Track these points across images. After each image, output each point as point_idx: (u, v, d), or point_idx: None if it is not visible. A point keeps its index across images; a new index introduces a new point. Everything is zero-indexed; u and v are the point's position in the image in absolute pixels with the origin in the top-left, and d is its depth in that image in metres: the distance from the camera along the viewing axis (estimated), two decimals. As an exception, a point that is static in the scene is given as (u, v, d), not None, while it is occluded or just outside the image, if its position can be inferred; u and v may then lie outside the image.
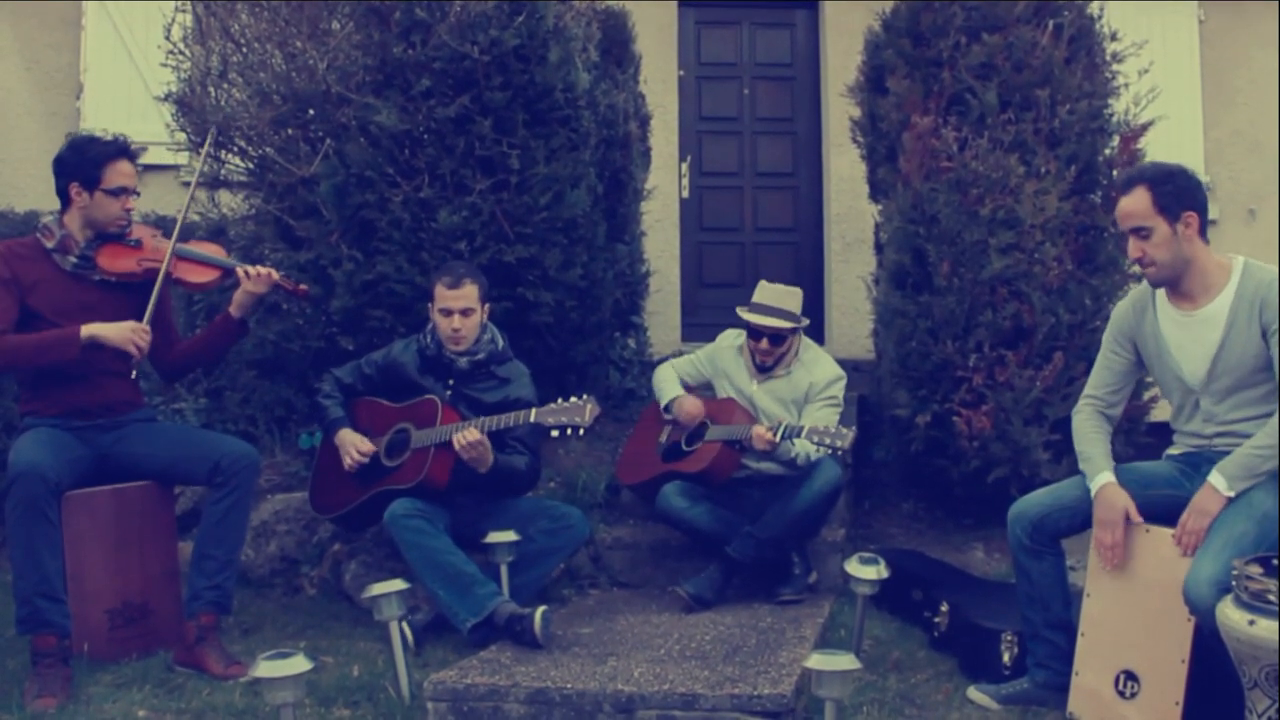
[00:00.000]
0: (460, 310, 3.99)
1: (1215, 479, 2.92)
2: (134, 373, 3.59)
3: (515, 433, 3.94)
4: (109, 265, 3.59)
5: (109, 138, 3.61)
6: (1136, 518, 3.06)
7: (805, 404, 4.32)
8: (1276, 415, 2.91)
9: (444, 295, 4.00)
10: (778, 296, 4.37)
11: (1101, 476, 3.14)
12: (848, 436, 3.90)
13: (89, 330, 3.44)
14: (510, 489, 4.06)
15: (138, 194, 3.66)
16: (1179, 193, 3.02)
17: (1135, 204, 3.04)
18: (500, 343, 4.15)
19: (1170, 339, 3.13)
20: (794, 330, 4.35)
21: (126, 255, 3.62)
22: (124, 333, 3.48)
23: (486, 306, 4.11)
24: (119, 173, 3.56)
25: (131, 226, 3.66)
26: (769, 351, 4.33)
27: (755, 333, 4.33)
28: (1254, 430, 2.97)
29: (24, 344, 3.45)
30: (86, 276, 3.59)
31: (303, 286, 3.97)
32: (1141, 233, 3.03)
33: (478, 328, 4.06)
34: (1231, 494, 2.89)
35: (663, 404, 4.45)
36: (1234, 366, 3.01)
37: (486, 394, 4.07)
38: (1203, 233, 3.05)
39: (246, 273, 3.70)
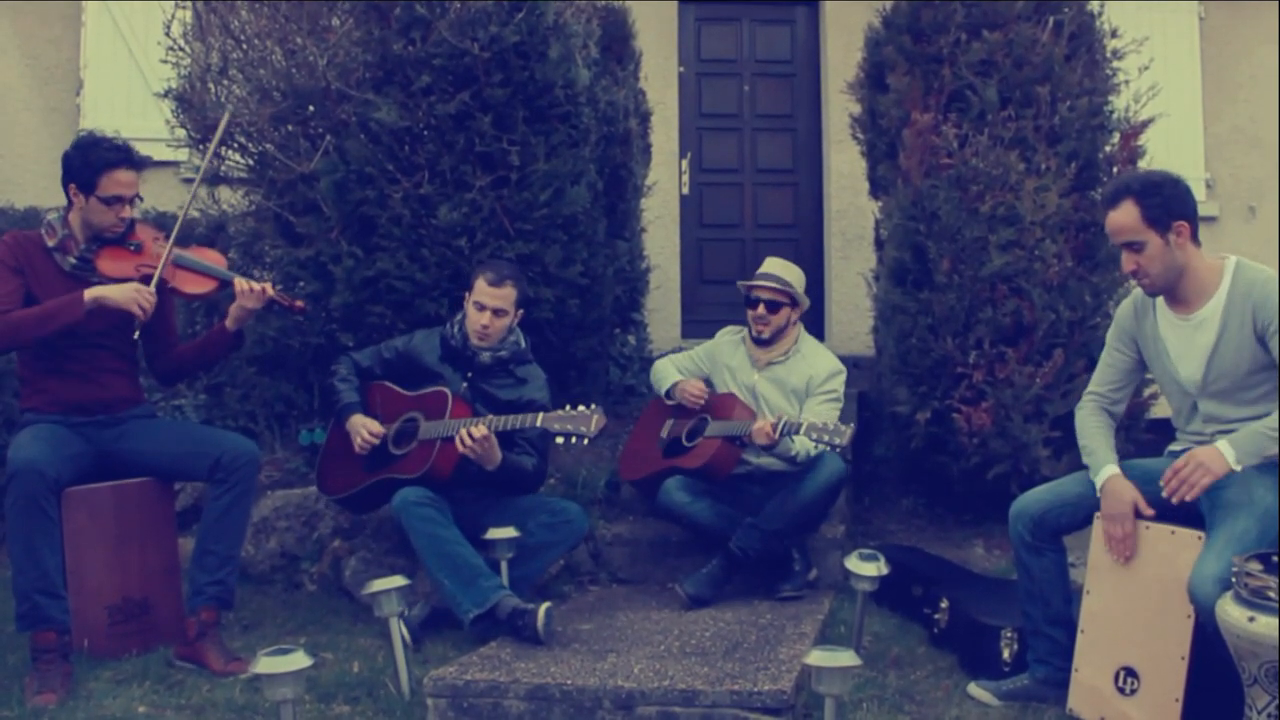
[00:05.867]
0: (494, 309, 4.01)
1: (1224, 447, 2.89)
2: (136, 334, 3.57)
3: (525, 434, 3.95)
4: (107, 270, 3.58)
5: (115, 143, 3.57)
6: (1146, 509, 3.05)
7: (806, 397, 4.33)
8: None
9: (483, 290, 4.01)
10: (778, 267, 4.47)
11: (1107, 470, 3.14)
12: (845, 433, 3.90)
13: (93, 293, 3.45)
14: (516, 488, 4.07)
15: (139, 199, 3.65)
16: (1167, 203, 2.99)
17: (1124, 218, 3.02)
18: (523, 344, 4.18)
19: (1168, 342, 3.13)
20: (791, 301, 4.38)
21: (126, 260, 3.61)
22: (128, 293, 3.48)
23: (520, 312, 4.12)
24: (116, 181, 3.54)
25: (134, 229, 3.65)
26: (764, 319, 4.37)
27: (751, 300, 4.38)
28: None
29: (29, 316, 3.45)
30: (85, 278, 3.58)
31: (299, 303, 3.96)
32: (1133, 246, 3.02)
33: (506, 330, 4.07)
34: (1238, 468, 2.86)
35: (663, 391, 4.47)
36: (1229, 370, 3.01)
37: (502, 391, 4.08)
38: (1194, 237, 3.03)
39: (242, 288, 3.69)
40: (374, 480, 4.00)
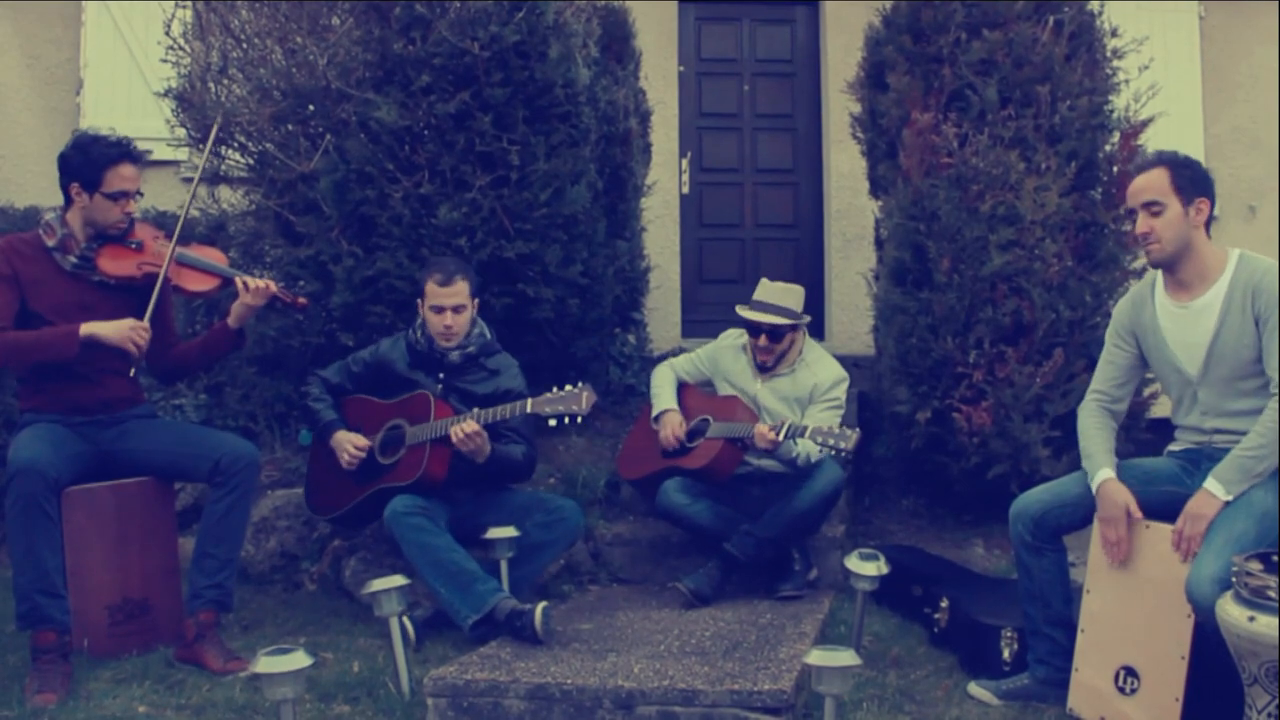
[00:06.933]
0: (452, 307, 4.00)
1: (1211, 484, 2.92)
2: (132, 370, 3.59)
3: (510, 421, 3.95)
4: (109, 268, 3.58)
5: (114, 139, 3.58)
6: (1137, 513, 3.06)
7: (809, 404, 4.32)
8: (1266, 413, 2.91)
9: (436, 293, 4.00)
10: (776, 294, 4.37)
11: (1102, 473, 3.14)
12: (851, 438, 3.88)
13: (88, 329, 3.45)
14: (509, 478, 4.08)
15: (140, 195, 3.65)
16: (1196, 179, 3.08)
17: (1152, 180, 3.08)
18: (489, 334, 4.16)
19: (1167, 331, 3.14)
20: (793, 327, 4.34)
21: (127, 258, 3.62)
22: (122, 331, 3.49)
23: (476, 301, 4.11)
24: (120, 176, 3.54)
25: (134, 227, 3.65)
26: (768, 349, 4.33)
27: (754, 329, 4.33)
28: (1252, 425, 2.96)
29: (22, 340, 3.45)
30: (86, 277, 3.58)
31: (301, 300, 3.96)
32: (1153, 208, 3.06)
33: (469, 323, 4.07)
34: (1229, 498, 2.89)
35: (654, 413, 4.45)
36: (1229, 356, 3.02)
37: (477, 386, 4.08)
38: (1207, 225, 3.08)
39: (245, 284, 3.69)
40: (368, 494, 3.99)
